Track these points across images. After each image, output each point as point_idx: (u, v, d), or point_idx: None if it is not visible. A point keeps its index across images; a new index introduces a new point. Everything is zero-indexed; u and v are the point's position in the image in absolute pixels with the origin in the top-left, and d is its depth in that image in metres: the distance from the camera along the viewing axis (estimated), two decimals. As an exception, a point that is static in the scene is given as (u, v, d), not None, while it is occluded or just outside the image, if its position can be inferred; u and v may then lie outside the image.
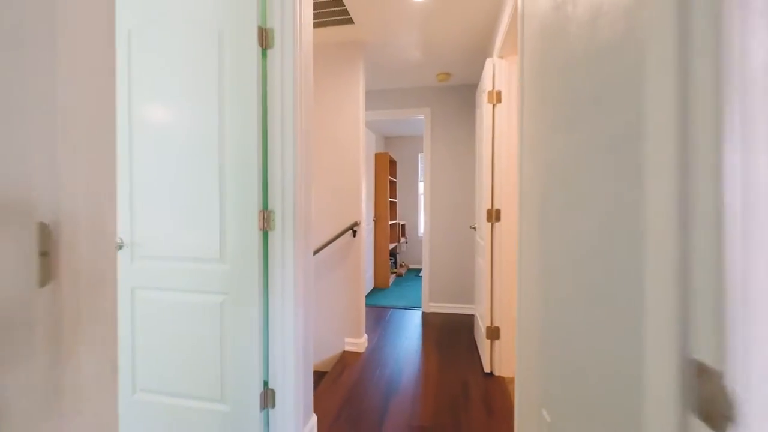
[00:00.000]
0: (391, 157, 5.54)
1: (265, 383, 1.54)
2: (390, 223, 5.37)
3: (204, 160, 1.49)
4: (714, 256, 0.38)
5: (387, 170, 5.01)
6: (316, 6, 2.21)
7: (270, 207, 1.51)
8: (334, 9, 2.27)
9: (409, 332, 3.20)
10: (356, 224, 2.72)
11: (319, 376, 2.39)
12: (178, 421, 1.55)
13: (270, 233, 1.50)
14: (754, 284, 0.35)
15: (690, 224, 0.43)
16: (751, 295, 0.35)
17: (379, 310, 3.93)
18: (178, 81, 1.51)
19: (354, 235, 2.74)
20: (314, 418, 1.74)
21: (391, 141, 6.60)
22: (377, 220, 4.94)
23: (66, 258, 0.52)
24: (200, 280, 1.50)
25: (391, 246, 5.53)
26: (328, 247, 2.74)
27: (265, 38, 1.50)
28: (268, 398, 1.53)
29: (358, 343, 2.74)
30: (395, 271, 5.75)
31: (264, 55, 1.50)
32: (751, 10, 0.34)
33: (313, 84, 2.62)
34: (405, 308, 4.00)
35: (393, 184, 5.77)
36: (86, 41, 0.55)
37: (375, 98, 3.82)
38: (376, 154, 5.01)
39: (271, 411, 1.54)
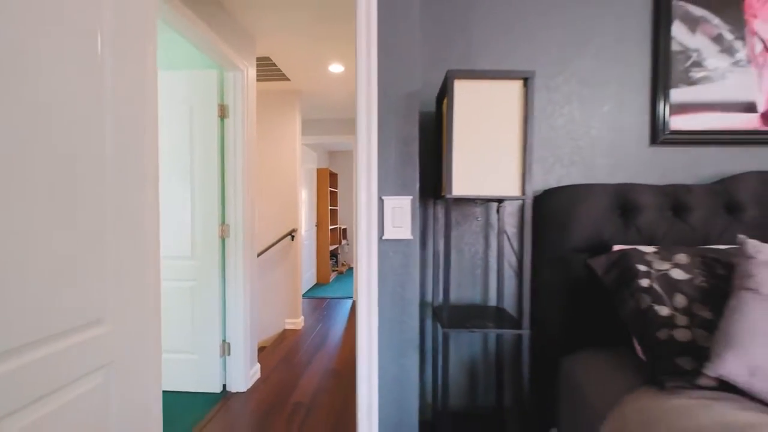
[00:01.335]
0: (331, 171, 6.36)
1: (224, 340, 2.31)
2: (331, 227, 6.19)
3: (180, 190, 2.23)
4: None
5: (327, 182, 5.83)
6: (260, 68, 2.99)
7: (227, 221, 2.29)
8: (273, 71, 3.07)
9: (339, 315, 4.05)
10: (294, 231, 3.53)
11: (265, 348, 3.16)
12: (166, 367, 2.27)
13: (227, 239, 2.28)
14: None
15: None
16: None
17: (318, 300, 4.75)
18: (167, 137, 2.24)
19: (292, 239, 3.54)
20: (258, 365, 2.53)
21: (334, 155, 7.42)
22: (318, 225, 5.74)
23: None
24: (178, 271, 2.24)
25: (333, 247, 6.36)
26: (271, 249, 3.50)
27: (222, 111, 2.28)
28: (225, 349, 2.30)
29: (296, 322, 3.55)
30: (336, 269, 6.58)
31: (222, 121, 2.28)
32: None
33: (261, 122, 3.39)
34: (340, 298, 4.85)
35: (333, 194, 6.60)
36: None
37: (313, 125, 4.64)
38: (317, 169, 5.82)
39: (227, 358, 2.31)
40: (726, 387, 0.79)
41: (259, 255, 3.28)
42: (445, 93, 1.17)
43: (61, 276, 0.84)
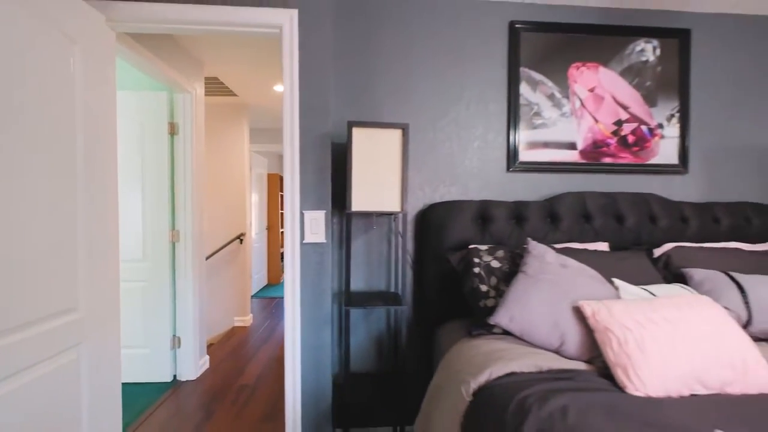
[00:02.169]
0: (281, 176, 6.61)
1: (174, 334, 2.56)
2: (282, 230, 6.44)
3: (132, 199, 2.46)
4: (296, 248, 1.66)
5: (278, 187, 6.08)
6: (210, 85, 3.23)
7: (177, 227, 2.55)
8: (222, 88, 3.33)
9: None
10: (242, 234, 3.79)
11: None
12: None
13: (177, 244, 2.54)
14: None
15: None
16: (298, 256, 1.64)
17: (268, 300, 5.01)
18: (120, 152, 2.44)
19: (241, 242, 3.80)
20: (207, 357, 2.80)
21: (285, 159, 7.65)
22: (270, 228, 5.98)
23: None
24: (130, 273, 2.46)
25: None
26: (221, 252, 3.74)
27: (172, 128, 2.54)
28: (176, 342, 2.56)
29: (245, 319, 3.82)
30: (288, 270, 6.84)
31: (172, 137, 2.54)
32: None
33: (211, 133, 3.61)
34: (289, 297, 5.14)
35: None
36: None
37: (263, 134, 4.89)
38: (268, 174, 6.05)
39: (178, 350, 2.57)
40: (507, 333, 1.28)
41: (208, 258, 3.50)
42: (349, 135, 1.59)
43: (45, 271, 1.16)
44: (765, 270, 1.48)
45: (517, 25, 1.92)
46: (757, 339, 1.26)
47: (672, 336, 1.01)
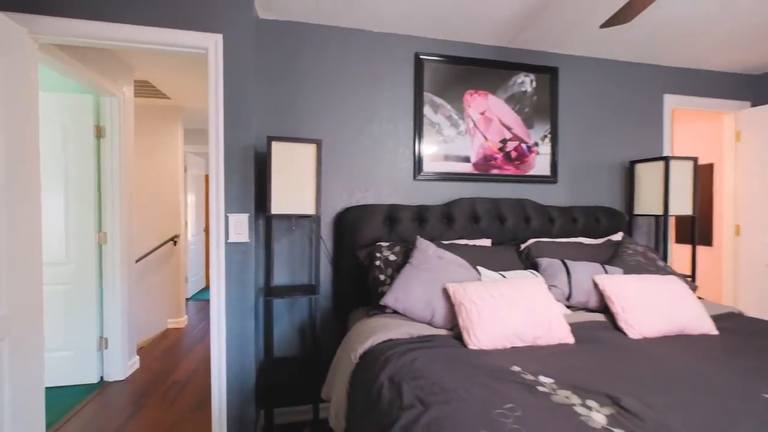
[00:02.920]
0: (222, 176, 6.53)
1: (101, 336, 2.57)
2: (222, 232, 6.36)
3: (54, 202, 2.44)
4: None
5: (217, 188, 6.01)
6: (141, 88, 3.23)
7: (104, 229, 2.57)
8: (154, 91, 3.34)
9: (225, 313, 4.40)
10: (176, 236, 3.80)
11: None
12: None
13: (104, 246, 2.56)
14: (224, 252, 1.82)
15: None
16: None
17: (205, 302, 4.97)
18: (42, 154, 2.41)
19: (174, 244, 3.80)
20: (137, 357, 2.83)
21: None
22: (207, 230, 5.89)
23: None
24: (52, 276, 2.44)
25: (224, 251, 6.52)
26: (153, 254, 3.71)
27: (99, 131, 2.56)
28: (103, 343, 2.58)
29: (179, 321, 3.82)
30: (229, 272, 6.75)
31: (98, 140, 2.56)
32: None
33: (143, 135, 3.58)
34: (228, 299, 5.14)
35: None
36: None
37: (201, 135, 4.86)
38: (206, 176, 5.96)
39: (105, 351, 2.59)
40: (396, 312, 1.59)
41: (139, 260, 3.47)
42: (270, 147, 1.81)
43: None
44: (594, 258, 1.96)
45: (421, 56, 2.27)
46: (574, 308, 1.71)
47: (503, 306, 1.38)
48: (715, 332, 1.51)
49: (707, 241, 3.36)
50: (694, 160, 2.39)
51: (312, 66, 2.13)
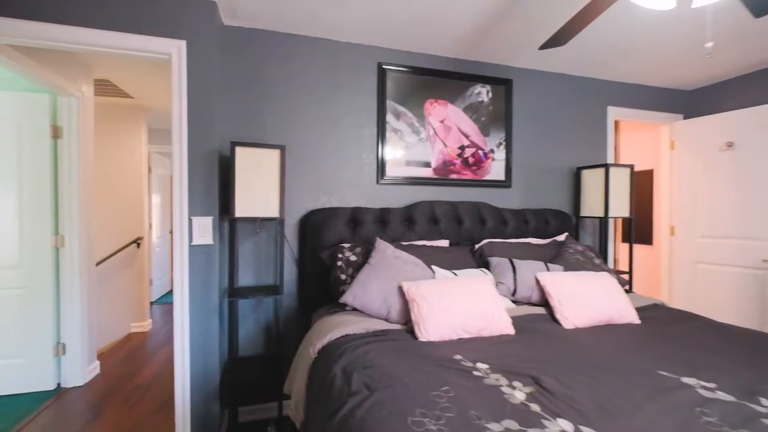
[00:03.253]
0: (190, 177, 6.39)
1: (59, 341, 2.51)
2: (189, 233, 6.22)
3: (5, 205, 2.36)
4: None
5: (184, 189, 5.88)
6: (101, 87, 3.15)
7: (61, 232, 2.50)
8: (115, 90, 3.27)
9: (191, 316, 4.33)
10: (140, 238, 3.72)
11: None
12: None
13: (61, 249, 2.50)
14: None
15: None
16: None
17: (171, 306, 4.86)
18: (-18, 154, 2.33)
19: (138, 247, 3.72)
20: (97, 362, 2.77)
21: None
22: (173, 232, 5.75)
23: None
24: (3, 280, 2.35)
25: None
26: (115, 256, 3.61)
27: (56, 131, 2.49)
28: (60, 349, 2.51)
29: (143, 325, 3.74)
30: (197, 275, 6.60)
31: (55, 141, 2.50)
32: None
33: (104, 135, 3.49)
34: (195, 301, 5.06)
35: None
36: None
37: (167, 135, 4.76)
38: (171, 177, 5.81)
39: (63, 357, 2.53)
40: (355, 309, 1.69)
41: (100, 263, 3.38)
42: (235, 152, 1.86)
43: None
44: (540, 257, 2.14)
45: (384, 66, 2.38)
46: (519, 302, 1.88)
47: (451, 301, 1.51)
48: (638, 321, 1.71)
49: (648, 240, 3.67)
50: (631, 167, 2.64)
51: (278, 72, 2.19)
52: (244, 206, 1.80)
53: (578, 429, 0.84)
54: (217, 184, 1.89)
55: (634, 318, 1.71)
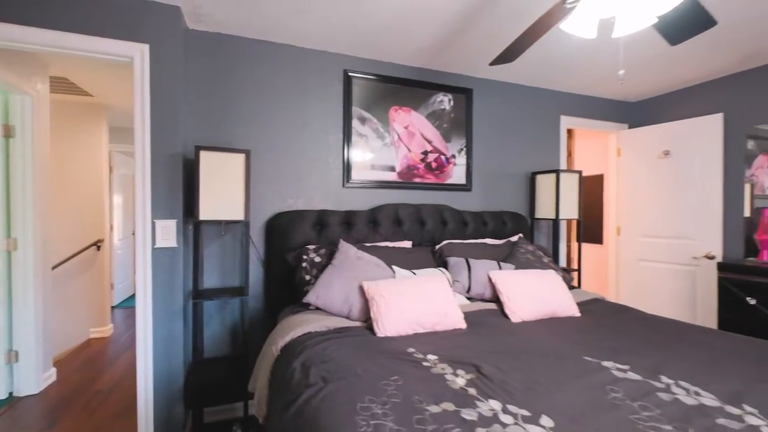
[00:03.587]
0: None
1: (10, 349, 2.41)
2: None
3: (-49, 207, 2.25)
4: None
5: (148, 189, 5.69)
6: (57, 85, 3.03)
7: (14, 236, 2.41)
8: (73, 88, 3.16)
9: (156, 320, 4.23)
10: (100, 241, 3.60)
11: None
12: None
13: (13, 252, 2.41)
14: None
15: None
16: (151, 259, 1.86)
17: (134, 310, 4.71)
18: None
19: (98, 249, 3.60)
20: (53, 369, 2.68)
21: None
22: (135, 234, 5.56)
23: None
24: (-52, 287, 2.25)
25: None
26: (73, 260, 3.48)
27: (7, 130, 2.40)
28: (12, 357, 2.42)
29: (104, 330, 3.63)
30: (162, 277, 6.41)
31: (7, 141, 2.40)
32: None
33: (62, 134, 3.35)
34: (160, 305, 4.92)
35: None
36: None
37: (131, 133, 4.61)
38: (134, 177, 5.62)
39: (15, 364, 2.43)
40: (318, 308, 1.76)
41: (56, 266, 3.25)
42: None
43: None
44: (494, 256, 2.30)
45: (350, 73, 2.46)
46: (473, 299, 2.01)
47: (408, 299, 1.62)
48: (578, 314, 1.89)
49: (599, 240, 3.96)
50: (579, 173, 2.87)
51: (245, 77, 2.23)
52: (208, 209, 1.83)
53: (505, 407, 0.96)
54: (181, 187, 1.90)
55: (575, 311, 1.89)
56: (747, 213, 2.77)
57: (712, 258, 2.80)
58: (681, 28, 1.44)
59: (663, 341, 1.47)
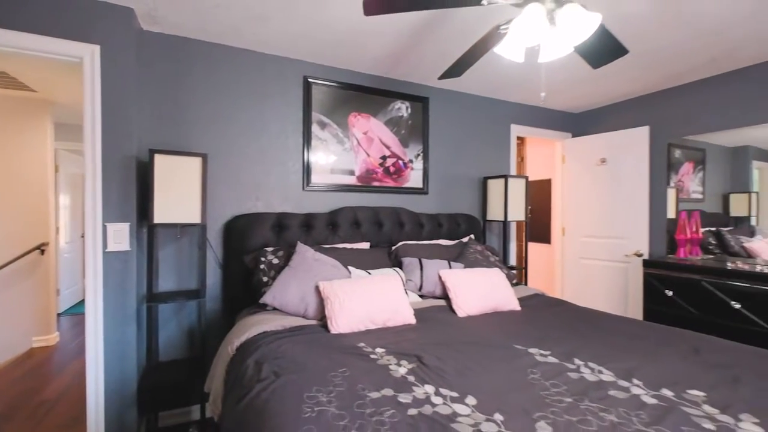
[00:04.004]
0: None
1: (-60, 360, 2.26)
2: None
3: None
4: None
5: (100, 189, 5.41)
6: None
7: (-56, 240, 2.26)
8: (13, 82, 2.98)
9: (108, 326, 4.05)
10: (44, 244, 3.41)
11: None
12: None
13: (-55, 258, 2.25)
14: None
15: (104, 249, 1.89)
16: (102, 263, 1.83)
17: (83, 316, 4.47)
18: None
19: (42, 253, 3.41)
20: (-9, 381, 2.53)
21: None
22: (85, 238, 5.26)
23: None
24: None
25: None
26: (13, 265, 3.27)
27: (-62, 127, 2.24)
28: (-57, 369, 2.26)
29: (48, 339, 3.43)
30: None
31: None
32: None
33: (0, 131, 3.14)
34: (113, 311, 4.70)
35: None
36: None
37: (79, 130, 4.37)
38: (83, 175, 5.32)
39: (-54, 377, 2.28)
40: (276, 309, 1.82)
41: (-7, 272, 3.05)
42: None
43: None
44: (446, 256, 2.45)
45: (309, 79, 2.53)
46: (425, 297, 2.15)
47: (361, 297, 1.72)
48: (519, 308, 2.07)
49: (547, 240, 4.27)
50: (525, 178, 3.10)
51: (203, 80, 2.23)
52: (164, 212, 1.84)
53: (438, 390, 1.09)
54: (135, 190, 1.89)
55: (515, 306, 2.07)
56: (672, 215, 3.12)
57: (640, 255, 3.13)
58: (598, 55, 1.65)
59: (584, 330, 1.67)
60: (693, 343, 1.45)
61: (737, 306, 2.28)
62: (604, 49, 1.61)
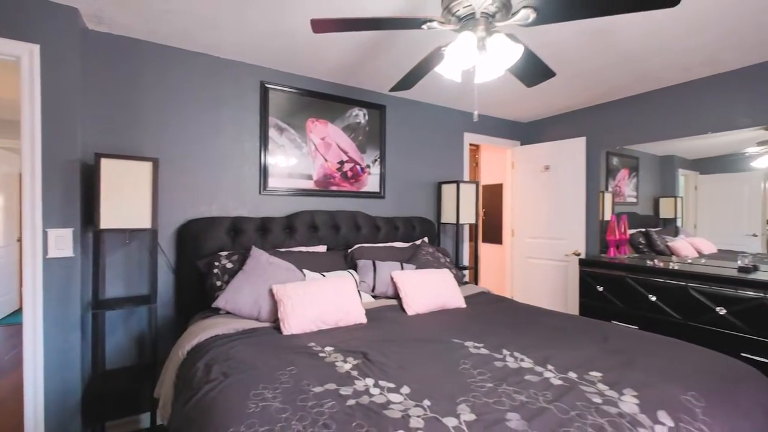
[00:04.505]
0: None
1: None
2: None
3: None
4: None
5: (39, 189, 5.04)
6: None
7: None
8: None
9: (49, 336, 3.80)
10: (-26, 250, 3.15)
11: None
12: None
13: None
14: None
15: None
16: (42, 270, 1.77)
17: (19, 327, 4.16)
18: None
19: (-28, 259, 3.15)
20: None
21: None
22: (23, 243, 4.89)
23: None
24: None
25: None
26: (-64, 273, 3.00)
27: None
28: None
29: (-21, 351, 3.18)
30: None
31: None
32: None
33: None
34: (55, 319, 4.41)
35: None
36: None
37: (13, 126, 4.07)
38: (21, 175, 4.94)
39: None
40: (229, 312, 1.85)
41: None
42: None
43: None
44: (400, 258, 2.58)
45: (267, 85, 2.56)
46: (378, 297, 2.26)
47: (313, 298, 1.79)
48: (464, 306, 2.23)
49: (499, 240, 4.54)
50: (476, 183, 3.31)
51: (154, 83, 2.20)
52: (111, 217, 1.81)
53: (377, 383, 1.19)
54: (79, 194, 1.84)
55: (461, 303, 2.23)
56: (608, 217, 3.44)
57: (578, 255, 3.43)
58: (530, 77, 1.84)
59: (518, 323, 1.85)
60: (604, 332, 1.66)
61: (653, 299, 2.59)
62: (535, 71, 1.80)
